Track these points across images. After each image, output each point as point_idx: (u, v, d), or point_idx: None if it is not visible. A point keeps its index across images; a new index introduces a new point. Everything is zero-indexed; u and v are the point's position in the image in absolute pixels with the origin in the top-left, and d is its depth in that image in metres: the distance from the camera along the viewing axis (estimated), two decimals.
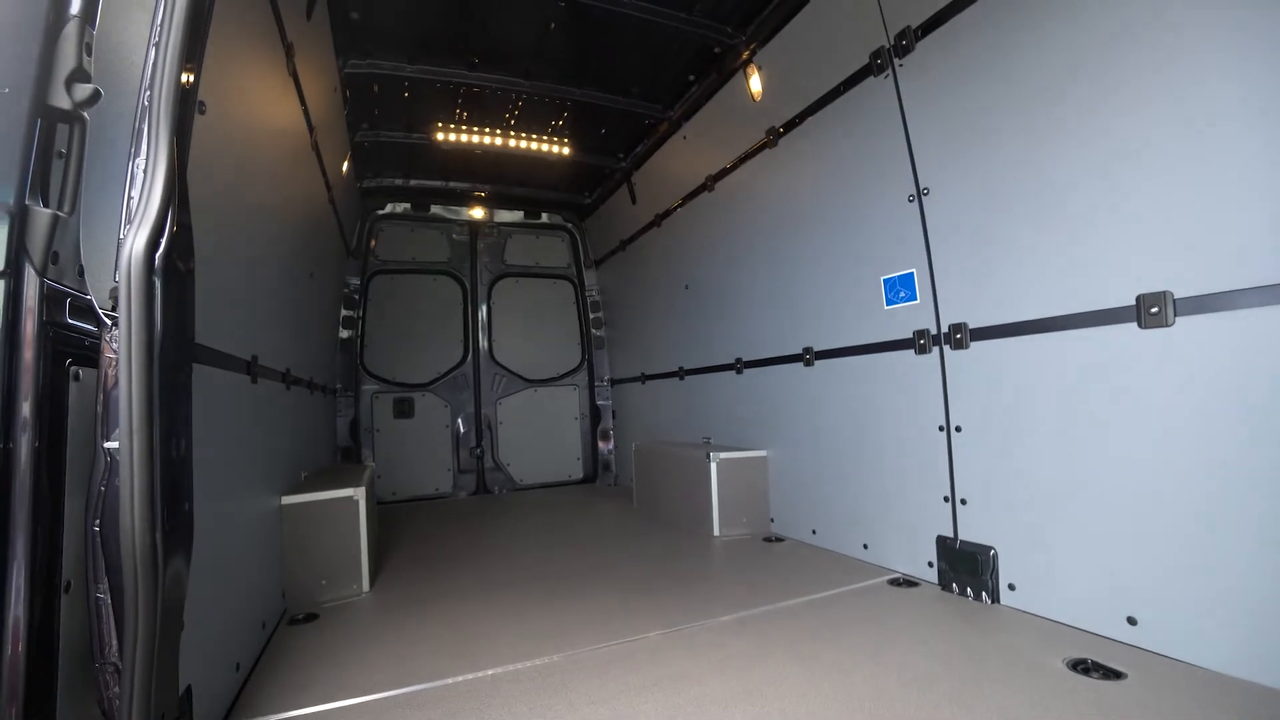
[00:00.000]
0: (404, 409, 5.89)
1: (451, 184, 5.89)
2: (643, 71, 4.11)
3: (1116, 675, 1.77)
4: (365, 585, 3.02)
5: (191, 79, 1.52)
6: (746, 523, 3.87)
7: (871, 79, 2.90)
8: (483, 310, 6.31)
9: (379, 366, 5.83)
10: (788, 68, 3.44)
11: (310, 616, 2.66)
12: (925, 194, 2.69)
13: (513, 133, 4.87)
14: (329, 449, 5.01)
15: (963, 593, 2.52)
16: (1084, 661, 1.86)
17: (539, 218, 6.55)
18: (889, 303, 2.93)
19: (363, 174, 5.45)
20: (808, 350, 3.52)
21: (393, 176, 5.65)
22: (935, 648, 2.04)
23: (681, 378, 5.05)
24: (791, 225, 3.57)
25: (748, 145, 3.87)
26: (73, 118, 1.43)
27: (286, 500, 2.79)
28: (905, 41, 2.69)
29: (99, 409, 1.34)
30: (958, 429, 2.57)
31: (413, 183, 5.78)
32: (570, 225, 6.65)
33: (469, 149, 4.95)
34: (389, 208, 5.98)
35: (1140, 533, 1.95)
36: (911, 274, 2.79)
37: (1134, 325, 1.95)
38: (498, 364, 6.32)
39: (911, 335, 2.79)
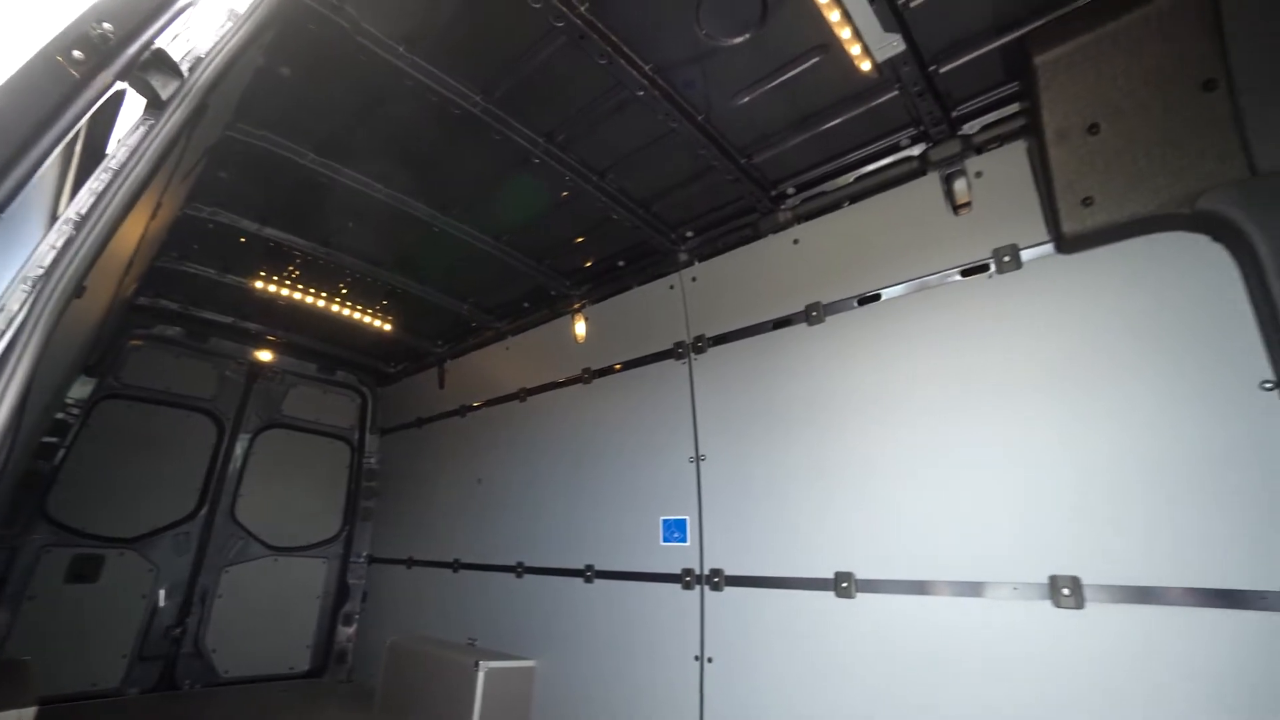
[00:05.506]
0: (84, 570, 4.67)
1: (240, 322, 5.51)
2: (484, 287, 4.64)
3: None
4: None
5: None
6: None
7: (673, 360, 3.81)
8: (236, 460, 5.60)
9: (67, 512, 4.67)
10: (610, 329, 4.27)
11: None
12: (703, 459, 3.49)
13: (338, 300, 4.93)
14: None
15: None
16: None
17: (333, 373, 6.30)
18: (665, 540, 3.54)
19: (142, 291, 4.88)
20: (589, 567, 3.91)
21: (174, 301, 5.13)
22: None
23: (456, 570, 4.99)
24: (593, 453, 4.15)
25: (565, 376, 4.52)
26: None
27: None
28: (700, 344, 3.67)
29: None
30: (709, 660, 3.11)
31: (194, 311, 5.29)
32: (365, 388, 6.50)
33: (281, 299, 4.83)
34: (156, 329, 5.30)
35: None
36: (685, 520, 3.47)
37: (832, 594, 2.77)
38: (237, 523, 5.49)
39: (680, 571, 3.39)
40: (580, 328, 4.42)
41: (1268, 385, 1.97)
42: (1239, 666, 1.89)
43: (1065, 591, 2.22)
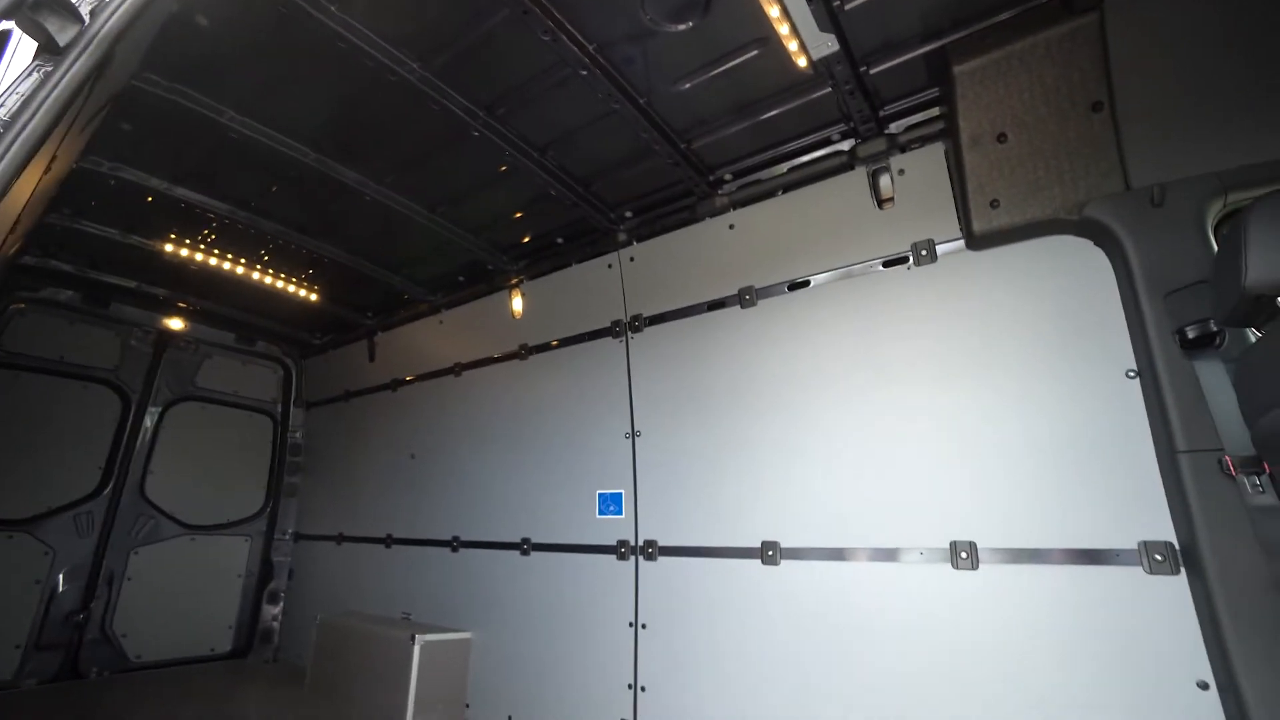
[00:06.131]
0: None
1: (146, 287, 5.11)
2: (418, 259, 4.52)
3: None
4: None
5: None
6: (442, 710, 3.85)
7: (610, 339, 3.88)
8: (145, 434, 5.25)
9: None
10: (547, 305, 4.28)
11: None
12: (638, 435, 3.60)
13: (259, 267, 4.67)
14: None
15: None
16: None
17: (252, 344, 5.98)
18: (601, 513, 3.65)
19: (27, 251, 4.44)
20: (526, 540, 3.98)
21: (67, 263, 4.70)
22: None
23: (388, 545, 4.94)
24: (530, 428, 4.19)
25: (501, 351, 4.50)
26: None
27: None
28: (637, 323, 3.75)
29: None
30: (644, 626, 3.27)
31: (92, 274, 4.87)
32: (288, 360, 6.21)
33: (194, 264, 4.52)
34: (45, 292, 4.85)
35: (755, 716, 2.80)
36: (621, 494, 3.59)
37: (758, 561, 2.97)
38: (147, 501, 5.18)
39: (616, 543, 3.52)
40: (518, 303, 4.40)
41: (1131, 374, 2.27)
42: (1100, 610, 2.20)
43: (963, 555, 2.49)
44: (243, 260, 4.57)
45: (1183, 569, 2.06)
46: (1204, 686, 1.95)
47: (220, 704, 4.28)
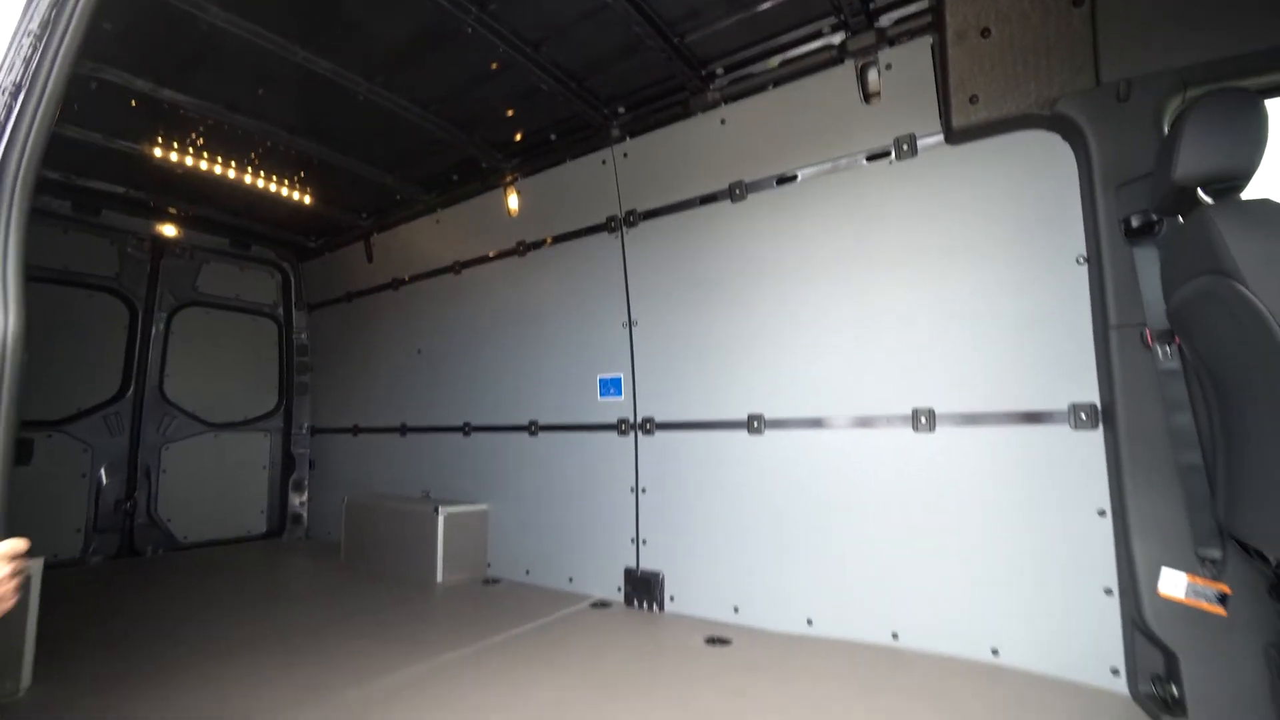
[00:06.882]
0: (18, 453, 4.64)
1: (134, 193, 5.08)
2: (411, 159, 4.53)
3: (726, 642, 3.00)
4: (25, 681, 2.59)
5: None
6: (467, 568, 4.42)
7: (605, 234, 4.05)
8: (156, 340, 5.45)
9: None
10: (542, 202, 4.38)
11: None
12: (635, 324, 3.88)
13: (250, 170, 4.66)
14: None
15: (642, 606, 3.61)
16: (713, 637, 3.06)
17: (248, 248, 6.03)
18: (602, 395, 4.01)
19: None
20: (533, 423, 4.37)
21: (54, 170, 4.65)
22: (628, 647, 3.03)
23: (403, 434, 5.35)
24: (531, 322, 4.45)
25: (499, 249, 4.66)
26: None
27: None
28: (632, 218, 3.91)
29: None
30: (644, 490, 3.73)
31: (79, 181, 4.83)
32: (285, 264, 6.29)
33: (183, 168, 4.49)
34: (39, 201, 4.80)
35: (737, 559, 3.32)
36: (620, 378, 3.93)
37: (745, 432, 3.37)
38: (169, 403, 5.49)
39: (616, 421, 3.91)
40: (513, 201, 4.50)
41: (1081, 260, 2.54)
42: (1034, 461, 2.63)
43: (923, 420, 2.88)
44: (233, 163, 4.55)
45: (1100, 425, 2.46)
46: (1102, 514, 2.42)
47: (271, 571, 4.84)
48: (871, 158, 3.10)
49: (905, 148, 2.98)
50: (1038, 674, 2.50)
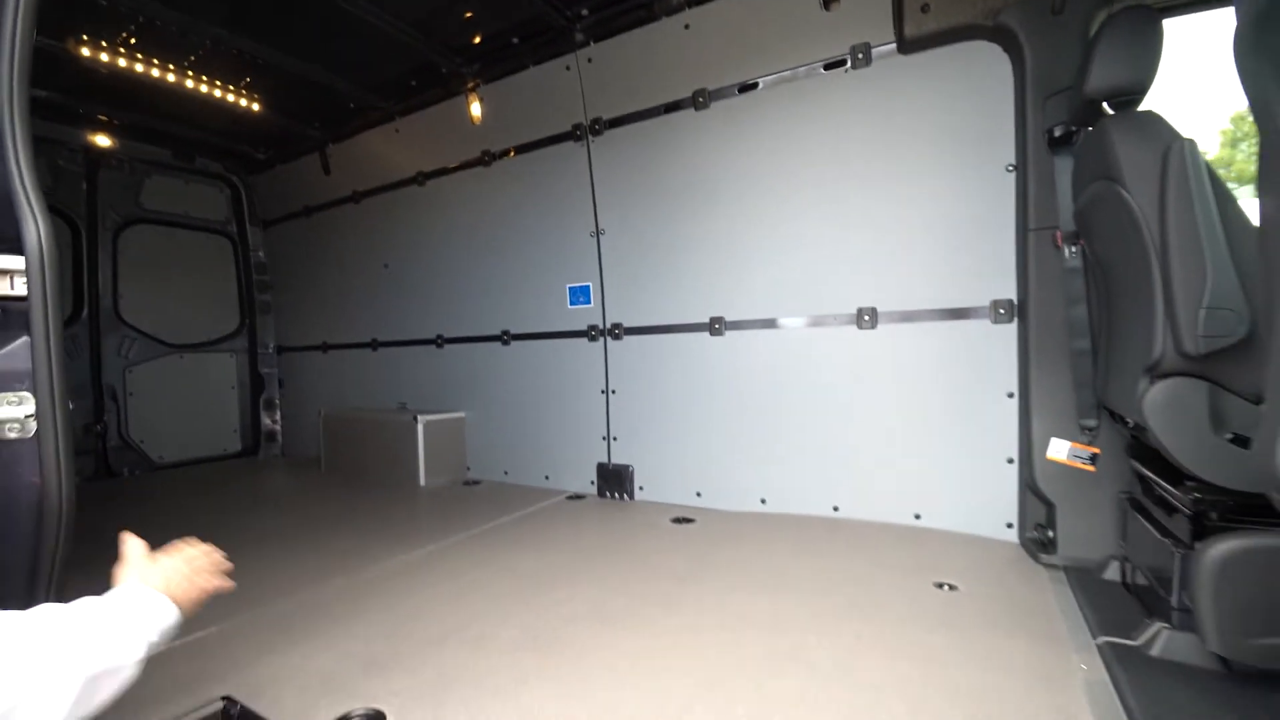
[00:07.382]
0: None
1: (58, 97, 4.74)
2: (365, 62, 4.34)
3: (690, 520, 3.40)
4: None
5: None
6: (448, 472, 4.70)
7: (571, 143, 4.08)
8: (105, 259, 5.29)
9: None
10: (506, 110, 4.33)
11: None
12: (602, 233, 4.01)
13: (190, 74, 4.40)
14: None
15: (613, 497, 3.99)
16: (679, 518, 3.46)
17: (191, 161, 5.75)
18: (571, 304, 4.19)
19: None
20: (505, 332, 4.55)
21: None
22: (602, 527, 3.40)
23: (375, 349, 5.45)
24: (499, 232, 4.51)
25: (463, 159, 4.62)
26: None
27: None
28: (598, 126, 3.94)
29: None
30: (613, 391, 4.01)
31: None
32: (234, 176, 6.04)
33: (114, 69, 4.21)
34: None
35: (700, 450, 3.68)
36: (589, 286, 4.10)
37: (707, 334, 3.64)
38: (126, 325, 5.41)
39: (586, 328, 4.12)
40: (476, 109, 4.43)
41: (1010, 168, 2.78)
42: (961, 352, 2.98)
43: (866, 319, 3.18)
44: (170, 65, 4.30)
45: (1015, 319, 2.80)
46: (1010, 395, 2.82)
47: (254, 485, 5.04)
48: (829, 66, 3.20)
49: (860, 56, 3.10)
50: (950, 531, 2.98)
